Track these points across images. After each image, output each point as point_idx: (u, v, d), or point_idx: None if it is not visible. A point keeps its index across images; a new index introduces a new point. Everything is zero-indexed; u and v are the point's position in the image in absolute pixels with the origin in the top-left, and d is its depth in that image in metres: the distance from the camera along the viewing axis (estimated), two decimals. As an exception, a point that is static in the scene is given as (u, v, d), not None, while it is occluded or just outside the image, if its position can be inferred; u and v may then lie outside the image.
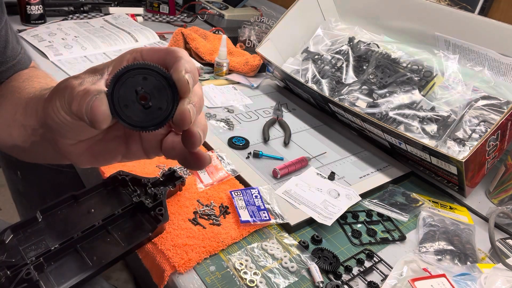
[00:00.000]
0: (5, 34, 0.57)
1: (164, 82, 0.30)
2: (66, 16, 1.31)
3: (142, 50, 0.34)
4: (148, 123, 0.31)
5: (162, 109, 0.30)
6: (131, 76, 0.29)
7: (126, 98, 0.30)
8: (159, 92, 0.30)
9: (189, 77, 0.30)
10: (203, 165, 0.35)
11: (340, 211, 0.69)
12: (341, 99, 0.94)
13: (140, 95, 0.30)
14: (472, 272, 0.61)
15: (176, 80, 0.30)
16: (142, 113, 0.30)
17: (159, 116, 0.31)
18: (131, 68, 0.29)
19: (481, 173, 0.79)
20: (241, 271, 0.57)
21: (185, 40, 1.21)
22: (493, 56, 0.83)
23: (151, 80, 0.30)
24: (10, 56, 0.58)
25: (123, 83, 0.29)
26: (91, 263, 0.51)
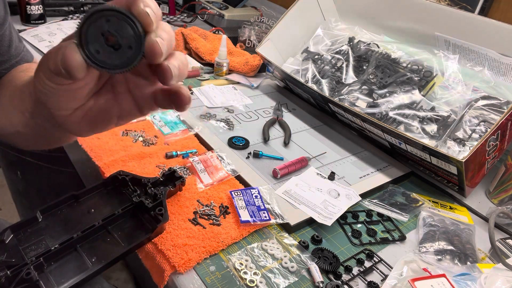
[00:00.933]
0: (9, 34, 0.59)
1: (126, 20, 0.31)
2: (66, 16, 1.31)
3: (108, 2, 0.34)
4: (122, 63, 0.32)
5: (132, 47, 0.31)
6: (93, 20, 0.30)
7: (95, 43, 0.30)
8: (124, 31, 0.31)
9: (149, 10, 0.30)
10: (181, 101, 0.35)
11: (340, 211, 0.69)
12: (341, 99, 0.94)
13: (107, 37, 0.31)
14: (472, 272, 0.61)
15: (137, 14, 0.30)
16: (114, 55, 0.31)
17: (131, 54, 0.31)
18: (91, 14, 0.30)
19: (481, 173, 0.79)
20: (241, 271, 0.57)
21: (185, 40, 1.21)
22: (493, 56, 0.83)
23: (114, 20, 0.30)
24: (14, 54, 0.60)
25: (88, 30, 0.30)
26: (91, 263, 0.51)
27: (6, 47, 0.59)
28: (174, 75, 0.33)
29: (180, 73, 0.34)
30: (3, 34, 0.58)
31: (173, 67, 0.33)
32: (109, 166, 0.71)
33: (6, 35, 0.58)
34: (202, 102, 0.98)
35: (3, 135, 0.54)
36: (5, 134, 0.53)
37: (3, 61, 0.59)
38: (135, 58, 0.32)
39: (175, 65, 0.33)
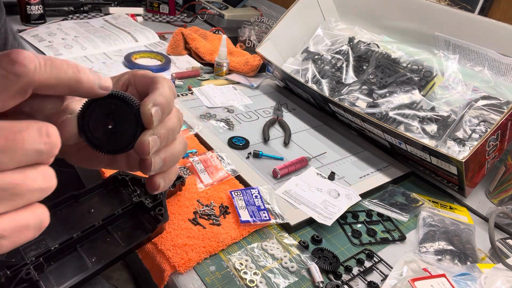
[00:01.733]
0: (5, 32, 0.58)
1: (131, 112, 0.32)
2: (66, 16, 1.31)
3: (136, 74, 0.37)
4: (110, 147, 0.33)
5: (126, 137, 0.33)
6: (104, 102, 0.32)
7: (95, 121, 0.32)
8: (125, 121, 0.32)
9: (155, 110, 0.32)
10: (149, 188, 0.37)
11: (340, 211, 0.69)
12: (341, 99, 0.94)
13: (108, 120, 0.32)
14: (472, 272, 0.61)
15: (142, 113, 0.32)
16: (107, 137, 0.32)
17: (121, 142, 0.33)
18: (105, 96, 0.31)
19: (481, 173, 0.79)
20: (241, 271, 0.57)
21: (185, 40, 1.21)
22: (493, 56, 0.83)
23: (120, 108, 0.32)
24: None
25: (95, 107, 0.32)
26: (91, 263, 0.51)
27: (1, 45, 0.58)
28: (153, 170, 0.34)
29: (165, 165, 0.35)
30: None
31: (156, 163, 0.34)
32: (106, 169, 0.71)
33: (1, 33, 0.58)
34: (202, 102, 0.98)
35: None
36: None
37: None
38: (123, 149, 0.33)
39: (158, 161, 0.34)
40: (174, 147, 0.36)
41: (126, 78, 0.37)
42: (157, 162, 0.34)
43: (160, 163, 0.34)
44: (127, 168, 0.39)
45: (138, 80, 0.37)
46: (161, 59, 1.15)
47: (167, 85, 0.35)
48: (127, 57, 1.11)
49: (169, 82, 0.36)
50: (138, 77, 0.36)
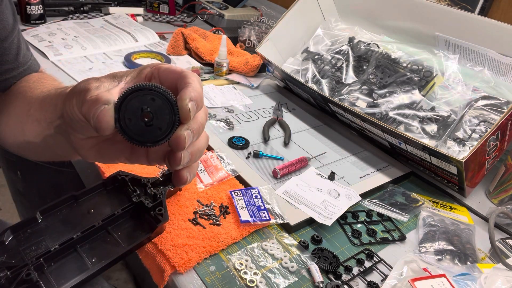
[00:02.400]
0: (17, 42, 0.59)
1: (168, 106, 0.33)
2: (66, 16, 1.31)
3: (160, 67, 0.37)
4: (145, 139, 0.33)
5: (161, 130, 0.33)
6: (141, 94, 0.32)
7: (131, 113, 0.32)
8: (162, 114, 0.33)
9: (192, 105, 0.33)
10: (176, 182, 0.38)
11: (340, 211, 0.69)
12: (341, 99, 0.94)
13: (144, 113, 0.32)
14: (472, 272, 0.61)
15: (179, 107, 0.33)
16: (142, 130, 0.33)
17: (157, 135, 0.33)
18: (143, 88, 0.32)
19: (481, 173, 0.79)
20: (241, 271, 0.57)
21: (185, 40, 1.21)
22: (493, 56, 0.83)
23: (158, 101, 0.32)
24: (22, 62, 0.61)
25: (132, 99, 0.32)
26: (91, 263, 0.51)
27: (14, 55, 0.59)
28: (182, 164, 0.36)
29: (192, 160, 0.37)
30: (12, 42, 0.58)
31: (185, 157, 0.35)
32: (109, 166, 0.71)
33: (14, 42, 0.58)
34: (202, 102, 0.97)
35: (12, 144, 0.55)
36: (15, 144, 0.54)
37: (11, 68, 0.59)
38: (158, 141, 0.33)
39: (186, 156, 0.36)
40: (200, 142, 0.37)
41: (149, 71, 0.37)
42: (186, 157, 0.35)
43: (188, 157, 0.35)
44: (146, 162, 0.39)
45: (163, 74, 0.37)
46: (161, 59, 1.15)
47: (198, 80, 0.36)
48: (127, 57, 1.11)
49: (198, 77, 0.36)
50: (163, 71, 0.37)
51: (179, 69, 0.36)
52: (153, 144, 0.33)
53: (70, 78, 1.00)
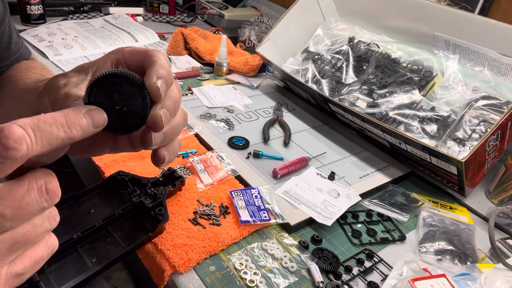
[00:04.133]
0: (9, 30, 0.58)
1: (137, 88, 0.32)
2: (66, 16, 1.31)
3: (124, 51, 0.36)
4: (121, 126, 0.32)
5: (136, 114, 0.32)
6: (107, 83, 0.31)
7: (101, 103, 0.31)
8: (133, 98, 0.32)
9: (161, 83, 0.32)
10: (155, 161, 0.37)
11: (340, 211, 0.69)
12: (341, 99, 0.94)
13: (115, 100, 0.31)
14: (472, 272, 0.61)
15: (148, 87, 0.32)
16: (117, 117, 0.32)
17: (132, 120, 0.32)
18: (107, 76, 0.31)
19: (481, 173, 0.79)
20: (241, 271, 0.57)
21: (185, 40, 1.21)
22: (493, 56, 0.83)
23: (125, 86, 0.31)
24: (14, 50, 0.60)
25: (99, 89, 0.31)
26: (91, 263, 0.51)
27: (6, 44, 0.58)
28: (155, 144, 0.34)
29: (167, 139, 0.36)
30: (3, 31, 0.57)
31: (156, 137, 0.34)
32: (109, 166, 0.71)
33: (6, 31, 0.58)
34: (202, 102, 0.98)
35: None
36: None
37: (3, 58, 0.58)
38: (136, 126, 0.33)
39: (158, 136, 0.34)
40: (176, 119, 0.36)
41: (114, 57, 0.36)
42: (157, 137, 0.34)
43: (161, 137, 0.34)
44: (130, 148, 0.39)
45: (128, 57, 0.36)
46: (161, 59, 1.15)
47: (163, 56, 0.35)
48: (127, 57, 1.11)
49: (164, 54, 0.35)
50: (127, 54, 0.36)
51: (143, 49, 0.36)
52: (132, 130, 0.33)
53: (70, 78, 1.00)
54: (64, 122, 0.27)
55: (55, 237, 0.29)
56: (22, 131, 0.24)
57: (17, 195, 0.25)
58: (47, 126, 0.26)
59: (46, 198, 0.26)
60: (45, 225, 0.27)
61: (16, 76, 0.55)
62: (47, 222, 0.27)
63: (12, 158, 0.24)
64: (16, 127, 0.24)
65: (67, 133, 0.27)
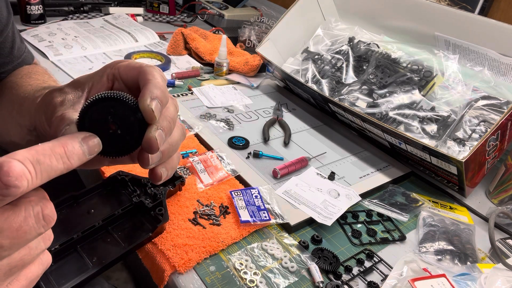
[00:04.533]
0: (12, 35, 0.58)
1: (131, 111, 0.31)
2: (66, 16, 1.31)
3: (119, 67, 0.35)
4: (116, 150, 0.32)
5: (131, 137, 0.31)
6: (100, 107, 0.30)
7: (95, 128, 0.30)
8: (127, 121, 0.31)
9: (155, 105, 0.31)
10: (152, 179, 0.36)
11: (340, 211, 0.69)
12: (341, 99, 0.94)
13: (109, 124, 0.31)
14: (472, 272, 0.61)
15: (142, 110, 0.31)
16: (111, 141, 0.31)
17: (127, 143, 0.32)
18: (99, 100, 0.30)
19: (481, 173, 0.79)
20: (241, 271, 0.57)
21: (185, 40, 1.21)
22: (493, 56, 0.83)
23: (119, 109, 0.31)
24: (16, 55, 0.60)
25: (93, 113, 0.30)
26: (92, 263, 0.51)
27: (9, 49, 0.58)
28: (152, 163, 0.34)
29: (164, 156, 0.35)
30: (6, 36, 0.57)
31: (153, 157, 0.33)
32: (109, 166, 0.71)
33: (9, 36, 0.58)
34: (202, 102, 0.98)
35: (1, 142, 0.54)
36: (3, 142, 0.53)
37: (5, 62, 0.58)
38: (131, 149, 0.32)
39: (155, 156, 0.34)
40: (173, 137, 0.35)
41: (110, 72, 0.36)
42: (154, 157, 0.33)
43: (158, 156, 0.34)
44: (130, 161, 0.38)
45: (123, 72, 0.35)
46: (161, 59, 1.15)
47: (158, 74, 0.34)
48: (127, 57, 1.11)
49: (159, 70, 0.34)
50: (123, 69, 0.35)
51: (137, 64, 0.35)
52: (127, 153, 0.32)
53: (70, 78, 1.00)
54: (63, 153, 0.27)
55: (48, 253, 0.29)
56: (23, 167, 0.24)
57: (14, 224, 0.24)
58: (46, 159, 0.25)
59: (43, 224, 0.26)
60: (40, 247, 0.27)
61: (17, 82, 0.55)
62: (42, 244, 0.27)
63: (12, 195, 0.23)
64: (16, 163, 0.23)
65: (66, 164, 0.27)
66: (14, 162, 0.23)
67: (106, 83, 0.36)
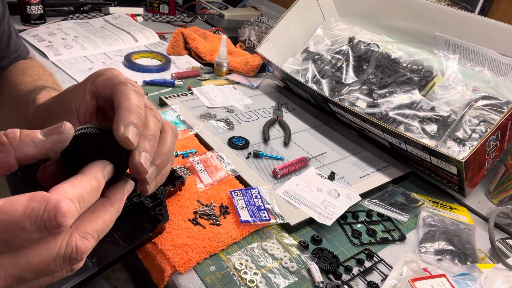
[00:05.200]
0: (8, 29, 0.58)
1: (107, 143, 0.31)
2: (66, 16, 1.31)
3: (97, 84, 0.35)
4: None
5: (116, 164, 0.32)
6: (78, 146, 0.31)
7: (79, 164, 0.31)
8: (108, 152, 0.31)
9: (130, 131, 0.31)
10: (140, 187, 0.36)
11: (340, 211, 0.69)
12: (341, 99, 0.94)
13: (90, 157, 0.31)
14: (472, 272, 0.61)
15: (117, 139, 0.31)
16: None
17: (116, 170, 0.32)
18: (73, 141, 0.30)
19: (481, 173, 0.79)
20: (241, 271, 0.57)
21: (185, 40, 1.21)
22: (493, 56, 0.83)
23: (96, 143, 0.31)
24: (13, 50, 0.60)
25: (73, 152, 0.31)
26: (91, 263, 0.51)
27: (6, 43, 0.58)
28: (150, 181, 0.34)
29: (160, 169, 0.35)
30: (3, 30, 0.57)
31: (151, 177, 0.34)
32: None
33: (5, 30, 0.58)
34: (202, 102, 0.98)
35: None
36: None
37: (2, 57, 0.58)
38: (118, 176, 0.32)
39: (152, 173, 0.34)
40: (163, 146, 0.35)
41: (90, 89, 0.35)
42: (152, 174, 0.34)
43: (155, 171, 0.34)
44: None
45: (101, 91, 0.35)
46: (161, 59, 1.15)
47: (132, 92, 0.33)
48: (127, 57, 1.11)
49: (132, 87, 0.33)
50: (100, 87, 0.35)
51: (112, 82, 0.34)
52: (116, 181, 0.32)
53: (70, 78, 1.00)
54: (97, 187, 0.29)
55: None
56: (73, 207, 0.25)
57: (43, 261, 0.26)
58: (87, 195, 0.27)
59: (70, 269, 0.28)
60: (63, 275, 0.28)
61: (12, 80, 0.55)
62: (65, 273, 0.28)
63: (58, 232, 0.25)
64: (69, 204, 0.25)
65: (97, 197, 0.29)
66: (67, 202, 0.25)
67: (90, 101, 0.36)
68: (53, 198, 0.24)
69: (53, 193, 0.25)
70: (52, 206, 0.24)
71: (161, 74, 1.09)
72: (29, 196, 0.24)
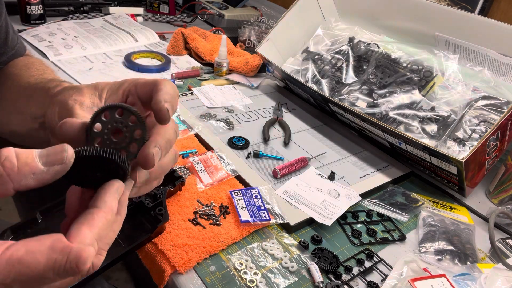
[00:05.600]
0: (6, 26, 0.58)
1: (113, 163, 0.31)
2: (66, 16, 1.31)
3: (137, 84, 0.38)
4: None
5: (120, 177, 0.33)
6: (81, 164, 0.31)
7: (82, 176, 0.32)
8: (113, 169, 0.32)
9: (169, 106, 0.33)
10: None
11: (340, 211, 0.69)
12: (341, 99, 0.94)
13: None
14: (472, 272, 0.61)
15: (157, 110, 0.33)
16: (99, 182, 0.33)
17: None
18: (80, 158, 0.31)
19: (481, 173, 0.79)
20: (241, 271, 0.57)
21: (185, 40, 1.21)
22: (493, 56, 0.83)
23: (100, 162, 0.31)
24: (10, 46, 0.60)
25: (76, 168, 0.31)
26: (91, 263, 0.51)
27: (3, 39, 0.58)
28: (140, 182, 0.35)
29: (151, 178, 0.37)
30: (0, 26, 0.57)
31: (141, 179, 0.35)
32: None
33: (2, 26, 0.58)
34: (202, 102, 0.98)
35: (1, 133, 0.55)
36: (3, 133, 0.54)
37: (0, 53, 0.58)
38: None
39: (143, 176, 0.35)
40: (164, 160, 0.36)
41: (127, 88, 0.38)
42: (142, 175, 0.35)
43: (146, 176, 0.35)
44: None
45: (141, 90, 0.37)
46: (161, 59, 1.15)
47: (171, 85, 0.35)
48: (127, 57, 1.11)
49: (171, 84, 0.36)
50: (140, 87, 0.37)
51: (152, 80, 0.37)
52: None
53: (70, 78, 1.00)
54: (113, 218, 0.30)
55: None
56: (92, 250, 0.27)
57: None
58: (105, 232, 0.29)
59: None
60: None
61: (17, 73, 0.56)
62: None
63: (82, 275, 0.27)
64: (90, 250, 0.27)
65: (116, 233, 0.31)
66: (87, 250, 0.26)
67: (120, 96, 0.38)
68: (74, 249, 0.26)
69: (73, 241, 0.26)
70: (74, 257, 0.26)
71: (161, 74, 1.09)
72: (50, 246, 0.26)
